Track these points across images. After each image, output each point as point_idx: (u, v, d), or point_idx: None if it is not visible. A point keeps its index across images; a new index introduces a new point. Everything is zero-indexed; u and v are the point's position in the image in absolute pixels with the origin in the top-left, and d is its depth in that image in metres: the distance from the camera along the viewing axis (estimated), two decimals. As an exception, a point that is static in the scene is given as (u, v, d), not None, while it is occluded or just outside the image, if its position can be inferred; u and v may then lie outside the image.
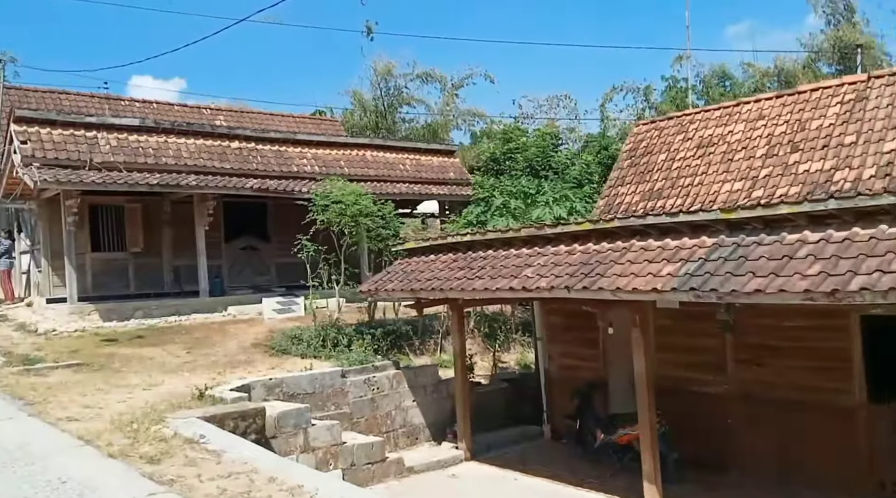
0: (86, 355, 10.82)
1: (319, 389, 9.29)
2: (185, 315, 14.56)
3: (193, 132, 15.51)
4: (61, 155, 13.34)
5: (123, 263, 16.27)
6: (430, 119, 46.05)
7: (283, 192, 15.60)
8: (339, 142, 18.30)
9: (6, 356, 10.32)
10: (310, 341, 11.98)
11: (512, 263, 9.64)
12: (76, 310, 13.53)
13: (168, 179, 14.05)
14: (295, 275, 18.98)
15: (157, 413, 6.91)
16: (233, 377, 9.48)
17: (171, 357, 11.04)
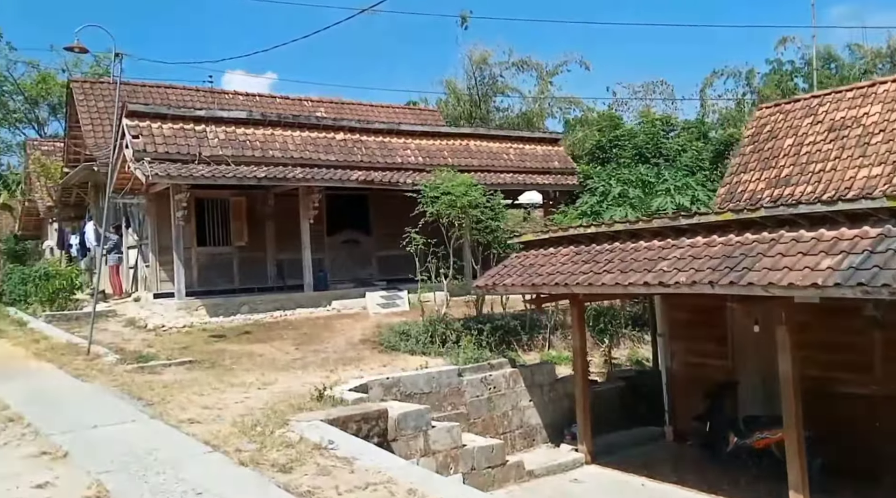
0: (196, 352, 10.85)
1: (436, 389, 8.84)
2: (289, 310, 14.56)
3: (299, 124, 15.46)
4: (171, 149, 13.55)
5: (228, 257, 16.52)
6: (524, 107, 45.44)
7: (387, 183, 15.33)
8: (442, 132, 17.86)
9: (119, 353, 10.48)
10: (418, 337, 11.59)
11: (643, 257, 8.90)
12: (184, 305, 13.75)
13: (275, 172, 14.02)
14: (396, 268, 18.81)
15: (278, 415, 6.61)
16: (345, 375, 9.17)
17: (280, 354, 10.91)
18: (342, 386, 7.75)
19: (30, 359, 9.85)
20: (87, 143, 17.76)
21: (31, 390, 7.87)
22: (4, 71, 38.16)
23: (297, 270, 16.37)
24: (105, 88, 19.09)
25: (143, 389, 8.02)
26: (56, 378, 8.61)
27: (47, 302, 16.40)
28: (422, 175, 16.13)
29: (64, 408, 7.01)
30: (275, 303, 14.67)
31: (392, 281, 17.67)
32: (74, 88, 18.58)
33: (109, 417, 6.57)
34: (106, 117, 18.44)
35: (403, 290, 15.90)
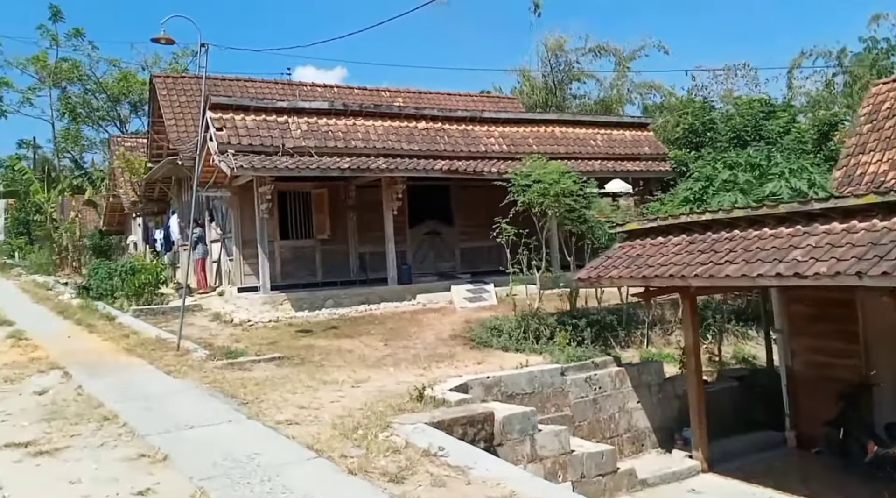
0: (284, 348, 10.67)
1: (538, 389, 8.27)
2: (374, 304, 14.30)
3: (380, 114, 15.18)
4: (255, 141, 13.48)
5: (311, 250, 16.44)
6: (601, 94, 44.33)
7: (471, 172, 14.84)
8: (526, 118, 17.23)
9: (207, 349, 10.39)
10: (510, 333, 11.06)
11: (770, 245, 8.08)
12: (269, 299, 13.67)
13: (359, 163, 13.76)
14: (480, 260, 18.36)
15: (378, 417, 6.20)
16: (439, 373, 8.74)
17: (369, 349, 10.59)
18: (442, 385, 7.30)
19: (120, 354, 9.88)
20: (169, 137, 18.06)
21: (124, 387, 7.79)
22: (88, 70, 39.87)
23: (379, 263, 16.14)
24: (186, 83, 19.40)
25: (236, 386, 7.80)
26: (147, 374, 8.53)
27: (133, 296, 16.74)
28: (506, 163, 15.58)
29: (158, 406, 6.84)
30: (359, 297, 14.45)
31: (476, 274, 17.24)
32: (157, 83, 18.95)
33: (205, 416, 6.33)
34: (188, 111, 18.74)
35: (489, 283, 15.40)
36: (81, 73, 39.75)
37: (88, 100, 42.93)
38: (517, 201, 12.68)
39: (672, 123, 25.98)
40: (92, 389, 7.66)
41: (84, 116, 42.86)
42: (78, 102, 42.04)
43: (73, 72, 38.93)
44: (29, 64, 36.72)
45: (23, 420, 6.47)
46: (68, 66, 38.55)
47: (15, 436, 5.89)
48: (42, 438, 5.84)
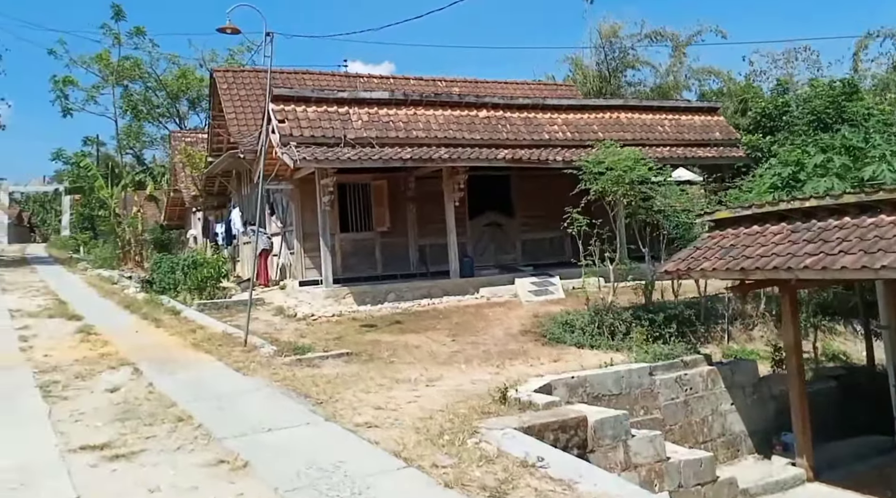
0: (350, 343, 10.38)
1: (626, 390, 7.71)
2: (436, 298, 13.94)
3: (441, 103, 14.76)
4: (316, 132, 13.24)
5: (371, 243, 16.19)
6: (657, 81, 43.15)
7: (535, 161, 14.29)
8: (591, 105, 16.55)
9: (274, 344, 10.18)
10: (584, 328, 10.51)
11: (891, 234, 7.27)
12: (332, 293, 13.45)
13: (420, 153, 13.38)
14: (542, 252, 17.82)
15: (462, 420, 5.80)
16: (515, 372, 8.29)
17: (437, 345, 10.21)
18: (524, 386, 6.83)
19: (188, 350, 9.75)
20: (230, 131, 18.06)
21: (195, 385, 7.59)
22: (148, 68, 40.71)
23: (439, 256, 15.81)
24: (245, 77, 19.38)
25: (307, 385, 7.51)
26: (216, 371, 8.34)
27: (195, 290, 16.80)
28: (571, 151, 14.98)
29: (231, 406, 6.59)
30: (420, 290, 14.11)
31: (538, 266, 16.73)
32: (217, 78, 18.97)
33: (281, 418, 6.04)
34: (248, 105, 18.70)
35: (554, 275, 14.86)
36: (142, 70, 40.65)
37: (149, 97, 43.92)
38: (588, 190, 12.07)
39: (732, 109, 24.86)
40: (163, 386, 7.48)
41: (145, 113, 43.88)
42: (139, 100, 43.06)
43: (135, 70, 39.83)
44: (93, 62, 37.71)
45: (96, 420, 6.30)
46: (130, 64, 39.45)
47: (90, 437, 5.71)
48: (117, 439, 5.64)
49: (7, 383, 7.92)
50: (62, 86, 37.16)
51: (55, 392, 7.48)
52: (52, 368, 8.65)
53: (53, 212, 61.59)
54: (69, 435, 5.85)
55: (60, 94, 37.20)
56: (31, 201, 66.83)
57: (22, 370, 8.67)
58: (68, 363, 8.94)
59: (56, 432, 5.94)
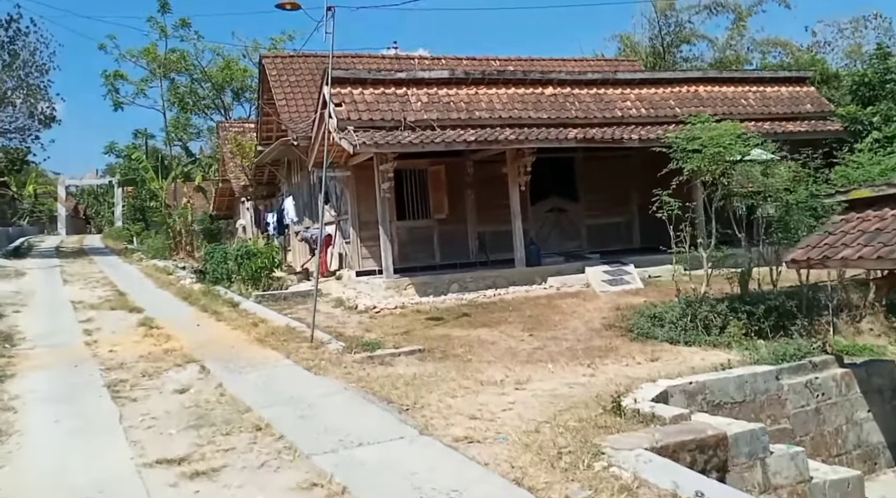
0: (419, 338, 9.77)
1: (750, 397, 6.86)
2: (501, 288, 13.24)
3: (504, 81, 13.95)
4: (374, 116, 12.61)
5: (428, 231, 15.56)
6: (715, 55, 41.55)
7: (609, 140, 13.38)
8: (666, 78, 15.49)
9: (340, 339, 9.64)
10: (674, 322, 9.65)
11: None
12: (392, 284, 12.86)
13: (485, 135, 12.63)
14: (609, 238, 16.92)
15: (575, 435, 5.11)
16: (612, 373, 7.55)
17: (513, 341, 9.52)
18: (638, 393, 6.08)
19: (253, 345, 9.28)
20: (281, 118, 17.60)
21: (267, 386, 7.08)
22: (194, 59, 40.73)
23: (499, 244, 15.13)
24: (294, 63, 18.87)
25: (386, 387, 6.92)
26: (286, 370, 7.82)
27: (249, 280, 16.46)
28: (647, 129, 14.04)
29: (311, 412, 6.03)
30: (485, 280, 13.42)
31: (606, 253, 15.89)
32: (266, 64, 18.51)
33: (369, 428, 5.44)
34: (298, 91, 18.21)
35: (628, 263, 14.00)
36: (188, 63, 40.71)
37: (195, 89, 44.07)
38: (661, 170, 11.02)
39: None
40: (234, 387, 6.99)
41: (191, 106, 44.06)
42: (185, 92, 43.22)
43: (181, 62, 39.90)
44: (141, 56, 37.88)
45: (169, 427, 5.83)
46: (176, 56, 39.52)
47: (166, 448, 5.21)
48: (194, 452, 5.12)
49: (76, 382, 7.59)
50: (113, 80, 37.43)
51: (124, 392, 7.09)
52: (119, 365, 8.30)
53: (107, 204, 62.91)
54: (143, 445, 5.38)
55: (112, 89, 37.49)
56: (86, 194, 68.44)
57: (89, 367, 8.37)
58: (134, 360, 8.59)
59: (129, 442, 5.48)
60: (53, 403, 6.78)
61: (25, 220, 57.16)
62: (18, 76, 27.25)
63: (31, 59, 27.63)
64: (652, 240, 17.50)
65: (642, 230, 17.48)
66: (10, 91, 27.29)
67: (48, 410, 6.55)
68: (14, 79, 27.16)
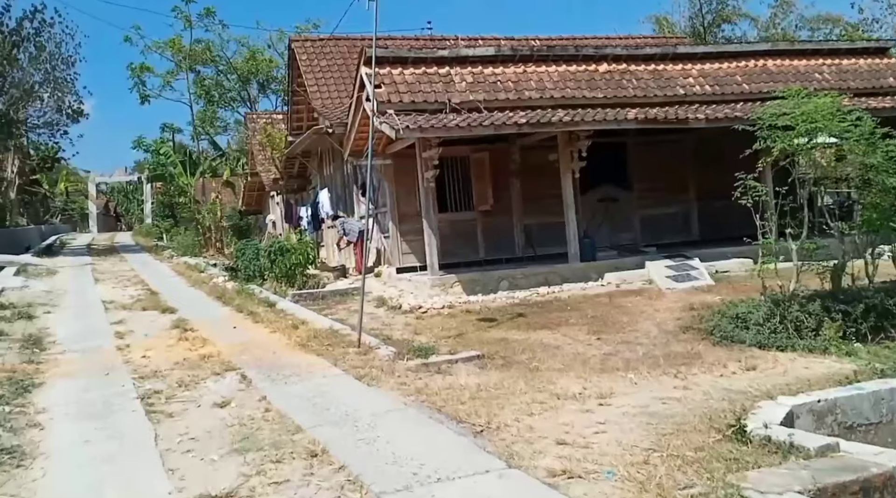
0: (474, 342, 8.97)
1: (887, 416, 5.91)
2: (555, 285, 12.39)
3: (554, 58, 13.07)
4: (417, 98, 11.84)
5: (471, 224, 14.78)
6: (758, 34, 40.29)
7: (674, 120, 12.41)
8: (731, 51, 14.43)
9: (388, 342, 8.89)
10: (761, 323, 8.69)
11: None
12: (438, 282, 12.07)
13: (537, 116, 11.75)
14: (664, 230, 15.94)
15: (699, 469, 4.25)
16: (704, 384, 6.68)
17: (580, 346, 8.67)
18: (760, 413, 5.18)
19: (296, 351, 8.58)
20: (313, 105, 16.90)
21: (316, 399, 6.35)
22: (219, 51, 40.41)
23: (547, 237, 14.34)
24: (325, 46, 18.14)
25: (450, 401, 6.14)
26: (335, 380, 7.09)
27: (283, 278, 15.85)
28: (712, 108, 13.04)
29: (371, 434, 5.27)
30: (536, 277, 12.58)
31: (662, 247, 14.98)
32: (296, 48, 17.81)
33: (444, 457, 4.66)
34: (330, 76, 17.50)
35: (692, 257, 13.04)
36: (213, 54, 40.38)
37: (220, 81, 43.77)
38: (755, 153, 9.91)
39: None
40: (279, 401, 6.28)
41: (217, 98, 43.78)
42: (211, 84, 42.93)
43: (206, 53, 39.57)
44: (166, 48, 37.58)
45: (211, 450, 5.12)
46: (201, 48, 39.19)
47: (208, 480, 4.51)
48: (241, 485, 4.40)
49: (108, 393, 6.95)
50: (139, 73, 37.20)
51: (158, 406, 6.44)
52: (153, 374, 7.67)
53: (136, 201, 63.24)
54: (183, 474, 4.69)
55: (138, 81, 37.27)
56: (115, 191, 69.01)
57: (121, 374, 7.77)
58: (168, 367, 7.95)
59: (167, 471, 4.78)
60: (83, 419, 6.14)
61: (58, 218, 57.73)
62: (45, 69, 27.05)
63: (56, 52, 27.43)
64: (711, 231, 16.54)
65: (701, 221, 16.49)
66: (38, 85, 27.10)
67: (77, 428, 5.91)
68: (41, 72, 26.96)
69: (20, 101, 25.79)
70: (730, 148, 16.20)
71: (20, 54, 25.17)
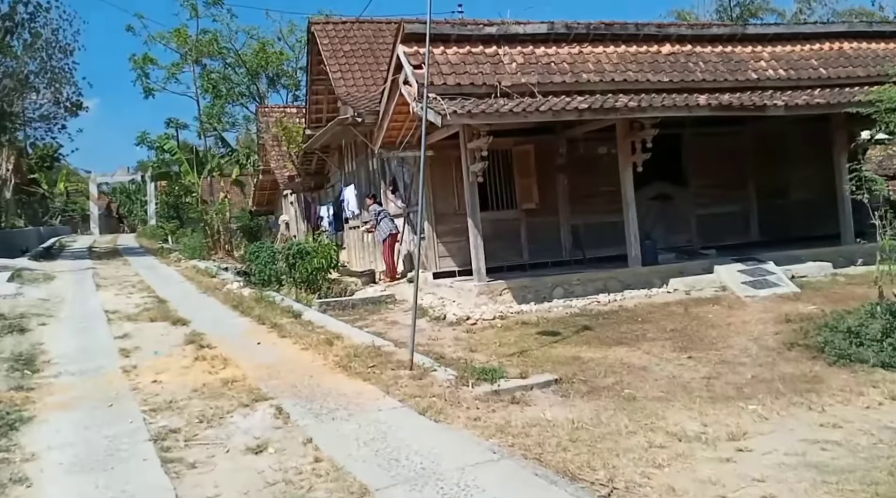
0: (542, 361, 7.80)
1: None
2: (615, 292, 11.22)
3: (612, 37, 11.87)
4: (463, 80, 10.67)
5: (514, 223, 13.61)
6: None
7: (751, 107, 11.19)
8: (805, 33, 13.13)
9: (442, 362, 7.73)
10: (880, 339, 7.47)
11: None
12: (485, 289, 10.90)
13: (601, 101, 10.56)
14: (722, 231, 14.76)
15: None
16: (854, 419, 5.49)
17: (670, 366, 7.48)
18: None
19: (336, 374, 7.40)
20: (337, 92, 15.75)
21: (376, 444, 5.17)
22: (227, 42, 39.36)
23: (596, 238, 13.34)
24: (349, 30, 16.99)
25: (545, 445, 4.99)
26: (394, 416, 5.91)
27: (303, 283, 14.73)
28: (788, 95, 11.81)
29: (463, 500, 4.10)
30: (594, 283, 11.42)
31: (722, 249, 13.83)
32: (317, 31, 16.65)
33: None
34: (354, 62, 16.37)
35: (765, 261, 11.84)
36: (221, 46, 39.27)
37: (228, 75, 42.67)
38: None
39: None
40: (331, 447, 5.11)
41: (225, 93, 42.68)
42: (219, 78, 41.84)
43: (213, 45, 38.46)
44: (171, 39, 36.49)
45: (251, 524, 3.96)
46: (208, 39, 38.11)
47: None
48: None
49: (113, 432, 5.77)
50: (142, 64, 36.16)
51: (176, 451, 5.28)
52: (167, 405, 6.50)
53: (139, 202, 62.36)
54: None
55: (142, 73, 36.22)
56: (118, 192, 68.19)
57: (128, 405, 6.59)
58: (185, 395, 6.79)
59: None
60: (81, 470, 4.98)
61: (58, 220, 56.81)
62: (41, 58, 25.94)
63: (53, 39, 26.28)
64: (771, 232, 15.29)
65: (761, 220, 15.27)
66: (33, 75, 26.01)
67: (74, 483, 4.75)
68: (36, 61, 25.85)
69: (14, 92, 24.68)
70: (793, 140, 15.11)
71: (13, 41, 24.07)
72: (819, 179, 14.75)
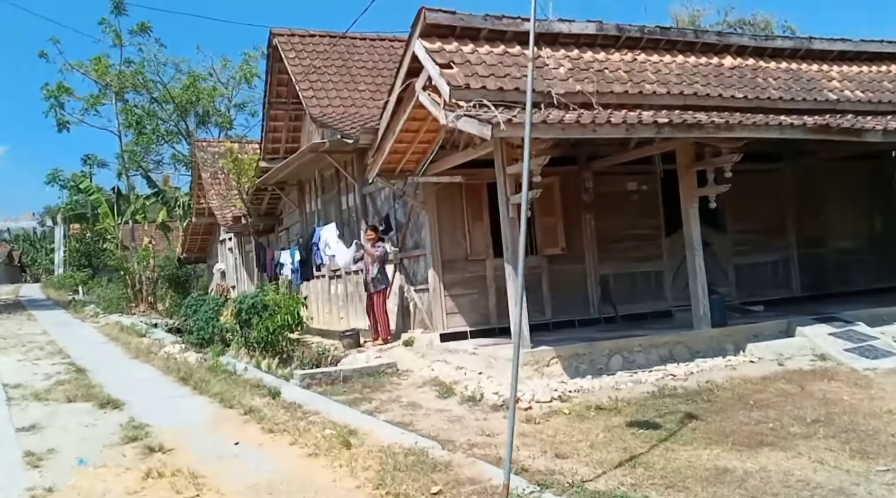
0: (669, 474, 5.33)
1: None
2: (683, 361, 8.96)
3: (667, 44, 9.84)
4: (506, 84, 8.28)
5: (535, 272, 11.28)
6: None
7: (849, 130, 9.25)
8: (870, 52, 11.37)
9: (539, 481, 5.12)
10: None
11: None
12: (530, 358, 8.30)
13: (686, 117, 8.37)
14: (761, 283, 12.86)
15: None
16: None
17: (863, 482, 5.10)
18: None
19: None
20: (310, 112, 13.12)
21: None
22: (153, 75, 36.09)
23: (625, 291, 11.37)
24: (318, 44, 14.50)
25: None
26: None
27: (260, 345, 11.86)
28: (866, 119, 10.04)
29: None
30: (657, 349, 9.13)
31: (769, 304, 11.98)
32: (281, 44, 14.04)
33: None
34: (328, 79, 13.85)
35: (852, 321, 9.83)
36: (146, 79, 35.98)
37: (154, 111, 39.19)
38: None
39: None
40: None
41: (149, 131, 39.10)
42: (142, 114, 38.30)
43: (137, 77, 35.15)
44: (90, 69, 32.96)
45: None
46: (131, 71, 34.80)
47: None
48: None
49: None
50: (56, 94, 32.41)
51: None
52: None
53: (44, 250, 56.92)
54: None
55: (55, 104, 32.41)
56: (20, 239, 62.39)
57: None
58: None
59: None
60: None
61: (-53, 269, 50.90)
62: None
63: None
64: (812, 285, 13.48)
65: (802, 271, 13.46)
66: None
67: None
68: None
69: None
70: (839, 180, 13.51)
71: None
72: (865, 224, 13.34)
